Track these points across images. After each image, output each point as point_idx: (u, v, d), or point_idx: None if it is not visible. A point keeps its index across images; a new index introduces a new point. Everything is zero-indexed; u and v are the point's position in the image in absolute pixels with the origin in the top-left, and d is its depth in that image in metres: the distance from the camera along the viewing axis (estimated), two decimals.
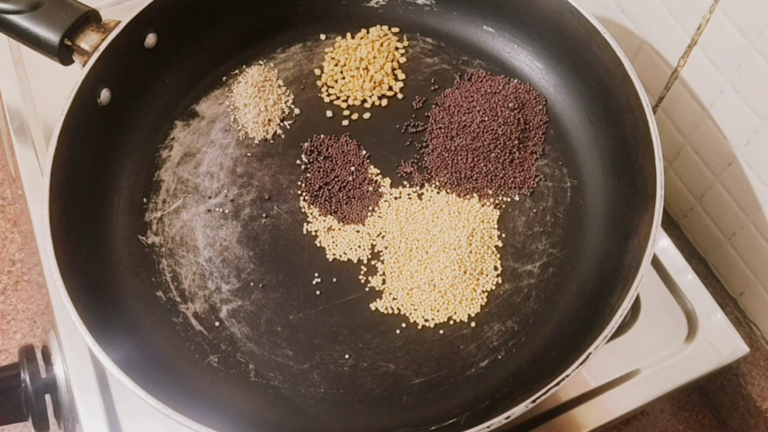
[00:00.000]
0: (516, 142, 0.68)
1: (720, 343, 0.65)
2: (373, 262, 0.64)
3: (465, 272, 0.63)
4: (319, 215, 0.66)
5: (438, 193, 0.67)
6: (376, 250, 0.65)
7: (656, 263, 0.68)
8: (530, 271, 0.64)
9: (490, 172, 0.67)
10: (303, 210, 0.67)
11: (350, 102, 0.72)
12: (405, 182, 0.68)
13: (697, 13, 0.64)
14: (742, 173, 0.67)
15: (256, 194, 0.67)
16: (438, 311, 0.62)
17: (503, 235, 0.66)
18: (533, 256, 0.65)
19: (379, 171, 0.68)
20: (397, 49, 0.74)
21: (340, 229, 0.66)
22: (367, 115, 0.71)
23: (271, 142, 0.70)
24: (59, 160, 0.59)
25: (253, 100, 0.70)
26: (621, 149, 0.65)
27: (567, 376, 0.52)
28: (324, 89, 0.73)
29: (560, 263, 0.64)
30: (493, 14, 0.73)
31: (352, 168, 0.68)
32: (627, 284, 0.56)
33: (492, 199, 0.67)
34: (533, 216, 0.66)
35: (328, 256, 0.65)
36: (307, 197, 0.67)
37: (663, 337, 0.65)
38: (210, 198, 0.67)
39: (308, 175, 0.68)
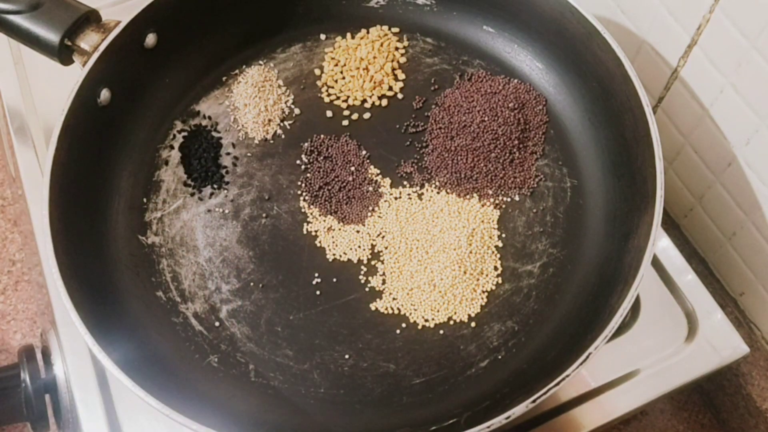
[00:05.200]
0: (516, 142, 0.68)
1: (720, 343, 0.65)
2: (373, 262, 0.64)
3: (465, 272, 0.63)
4: (319, 215, 0.66)
5: (438, 193, 0.67)
6: (376, 250, 0.65)
7: (656, 263, 0.68)
8: (530, 271, 0.64)
9: (490, 172, 0.67)
10: (303, 210, 0.67)
11: (350, 102, 0.72)
12: (405, 182, 0.68)
13: (697, 13, 0.64)
14: (742, 173, 0.67)
15: (256, 194, 0.67)
16: (438, 311, 0.62)
17: (503, 235, 0.66)
18: (533, 256, 0.65)
19: (379, 171, 0.68)
20: (397, 49, 0.74)
21: (340, 229, 0.66)
22: (367, 115, 0.71)
23: (271, 142, 0.70)
24: (59, 160, 0.59)
25: (253, 100, 0.70)
26: (621, 149, 0.65)
27: (567, 376, 0.52)
28: (324, 89, 0.73)
29: (560, 263, 0.64)
30: (493, 14, 0.73)
31: (352, 168, 0.68)
32: (627, 284, 0.56)
33: (492, 199, 0.67)
34: (533, 216, 0.66)
35: (328, 256, 0.65)
36: (307, 197, 0.67)
37: (663, 337, 0.65)
38: (210, 198, 0.67)
39: (308, 175, 0.68)
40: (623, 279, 0.58)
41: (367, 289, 0.63)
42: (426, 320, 0.62)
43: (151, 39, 0.67)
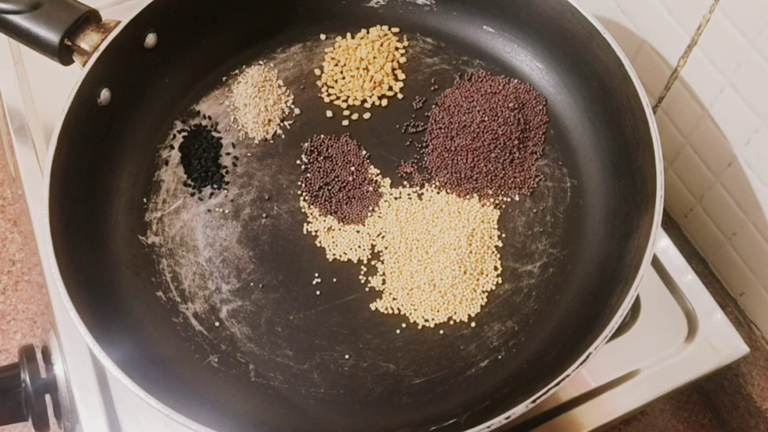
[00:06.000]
0: (516, 142, 0.68)
1: (720, 343, 0.65)
2: (373, 262, 0.64)
3: (465, 272, 0.63)
4: (319, 215, 0.66)
5: (438, 193, 0.67)
6: (376, 250, 0.65)
7: (656, 263, 0.68)
8: (530, 271, 0.64)
9: (490, 172, 0.67)
10: (303, 210, 0.67)
11: (350, 102, 0.72)
12: (405, 182, 0.68)
13: (697, 13, 0.64)
14: (742, 173, 0.67)
15: (256, 194, 0.67)
16: (438, 311, 0.62)
17: (503, 235, 0.66)
18: (533, 256, 0.65)
19: (379, 171, 0.68)
20: (397, 49, 0.74)
21: (340, 229, 0.66)
22: (367, 115, 0.71)
23: (271, 142, 0.70)
24: (59, 160, 0.59)
25: (253, 100, 0.70)
26: (621, 149, 0.65)
27: (567, 376, 0.52)
28: (324, 89, 0.73)
29: (560, 263, 0.64)
30: (493, 14, 0.73)
31: (352, 168, 0.68)
32: (627, 284, 0.56)
33: (492, 199, 0.67)
34: (533, 216, 0.66)
35: (328, 256, 0.65)
36: (307, 197, 0.67)
37: (663, 337, 0.65)
38: (210, 198, 0.67)
39: (308, 175, 0.68)
40: (623, 279, 0.58)
41: (367, 289, 0.63)
42: (426, 320, 0.62)
43: (151, 39, 0.67)
